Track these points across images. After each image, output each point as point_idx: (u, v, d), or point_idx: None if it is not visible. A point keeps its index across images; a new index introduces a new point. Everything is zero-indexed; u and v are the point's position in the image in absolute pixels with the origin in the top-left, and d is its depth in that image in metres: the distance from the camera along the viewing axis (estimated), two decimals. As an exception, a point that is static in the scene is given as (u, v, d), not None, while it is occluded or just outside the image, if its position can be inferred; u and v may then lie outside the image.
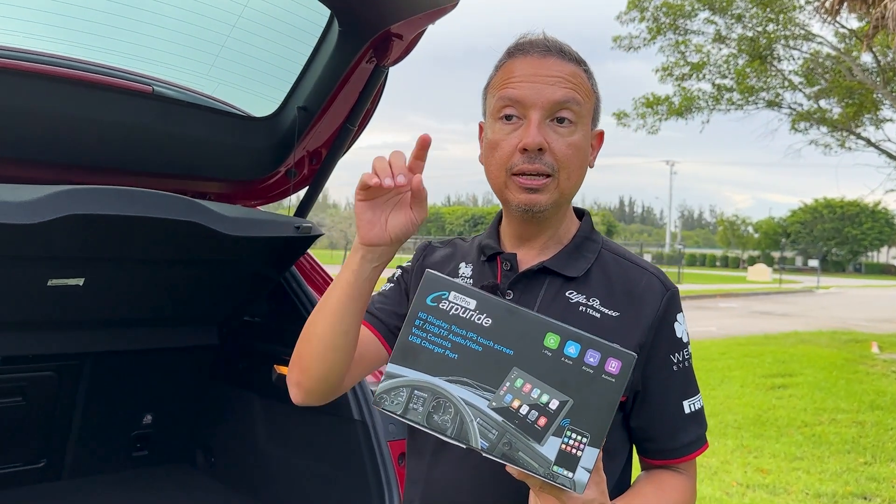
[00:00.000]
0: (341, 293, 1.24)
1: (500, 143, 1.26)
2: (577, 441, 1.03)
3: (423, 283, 1.09)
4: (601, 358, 1.04)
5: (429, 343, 1.06)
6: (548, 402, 1.03)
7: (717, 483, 5.27)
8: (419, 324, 1.07)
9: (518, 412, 1.03)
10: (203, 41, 2.45)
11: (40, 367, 2.76)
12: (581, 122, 1.27)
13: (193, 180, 2.73)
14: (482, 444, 1.03)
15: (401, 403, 1.04)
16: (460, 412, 1.03)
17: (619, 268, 1.34)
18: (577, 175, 1.28)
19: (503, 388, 1.04)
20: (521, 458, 1.02)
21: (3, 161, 2.28)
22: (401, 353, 1.06)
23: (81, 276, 2.39)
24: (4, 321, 2.49)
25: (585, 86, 1.29)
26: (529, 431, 1.03)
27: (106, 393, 3.00)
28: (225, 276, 2.67)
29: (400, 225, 1.20)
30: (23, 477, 2.90)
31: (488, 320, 1.06)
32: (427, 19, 2.31)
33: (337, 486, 2.47)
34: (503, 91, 1.27)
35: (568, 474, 1.02)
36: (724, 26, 11.26)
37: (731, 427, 6.80)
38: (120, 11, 2.32)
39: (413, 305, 1.08)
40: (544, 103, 1.24)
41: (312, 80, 2.54)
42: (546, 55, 1.27)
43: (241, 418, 2.99)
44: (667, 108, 12.31)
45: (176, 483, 3.13)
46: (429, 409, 1.04)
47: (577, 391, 1.04)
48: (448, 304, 1.07)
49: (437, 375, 1.04)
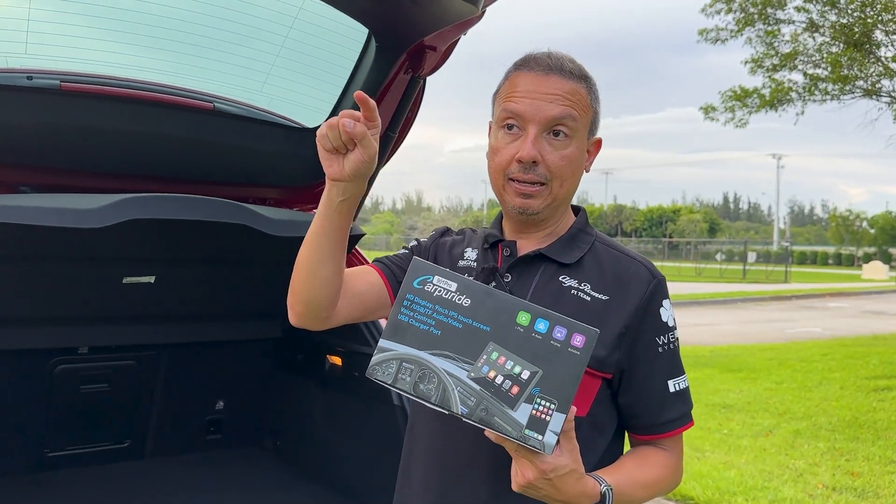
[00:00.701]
0: (316, 224, 1.39)
1: (500, 151, 1.41)
2: (546, 407, 1.14)
3: (410, 269, 1.22)
4: (567, 333, 1.16)
5: (415, 321, 1.18)
6: (520, 373, 1.15)
7: (802, 485, 5.17)
8: (407, 304, 1.19)
9: (494, 381, 1.15)
10: (256, 61, 2.70)
11: (123, 356, 3.11)
12: (576, 135, 1.40)
13: (253, 187, 2.99)
14: (462, 409, 1.14)
15: (391, 374, 1.16)
16: (443, 382, 1.15)
17: (610, 257, 1.47)
18: (569, 182, 1.42)
19: (480, 360, 1.16)
20: (497, 422, 1.14)
21: (82, 173, 2.60)
22: (391, 329, 1.19)
23: (152, 274, 2.69)
24: (90, 315, 2.83)
25: (583, 102, 1.42)
26: (504, 399, 1.14)
27: (181, 381, 3.32)
28: (280, 274, 2.92)
29: (353, 163, 1.32)
30: (110, 455, 3.25)
31: (467, 300, 1.19)
32: (456, 30, 2.48)
33: (381, 467, 2.67)
34: (506, 103, 1.41)
35: (538, 437, 1.13)
36: (818, 13, 10.84)
37: (824, 429, 6.62)
38: (185, 39, 2.60)
39: (402, 288, 1.21)
40: (542, 119, 1.37)
41: (355, 91, 2.74)
42: (548, 73, 1.39)
43: (302, 404, 3.25)
44: (758, 100, 11.94)
45: (246, 464, 3.42)
46: (415, 379, 1.15)
47: (545, 363, 1.15)
48: (432, 286, 1.20)
49: (422, 349, 1.16)
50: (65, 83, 2.42)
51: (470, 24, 2.44)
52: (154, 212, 2.21)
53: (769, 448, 6.07)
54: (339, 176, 1.33)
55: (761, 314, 18.37)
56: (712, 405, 7.58)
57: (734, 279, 33.15)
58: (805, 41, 11.19)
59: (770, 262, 41.25)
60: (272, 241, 2.54)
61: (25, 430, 3.08)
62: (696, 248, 51.82)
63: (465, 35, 2.60)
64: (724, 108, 12.26)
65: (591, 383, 1.38)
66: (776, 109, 11.69)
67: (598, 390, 1.39)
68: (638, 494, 1.38)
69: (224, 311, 3.12)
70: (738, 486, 5.05)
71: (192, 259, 2.72)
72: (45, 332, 2.79)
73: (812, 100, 11.45)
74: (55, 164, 2.53)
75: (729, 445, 6.13)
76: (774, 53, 11.35)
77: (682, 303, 20.26)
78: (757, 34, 11.36)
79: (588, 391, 1.38)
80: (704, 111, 12.52)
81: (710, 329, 14.53)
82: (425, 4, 2.25)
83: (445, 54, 2.66)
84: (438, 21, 2.34)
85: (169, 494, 3.04)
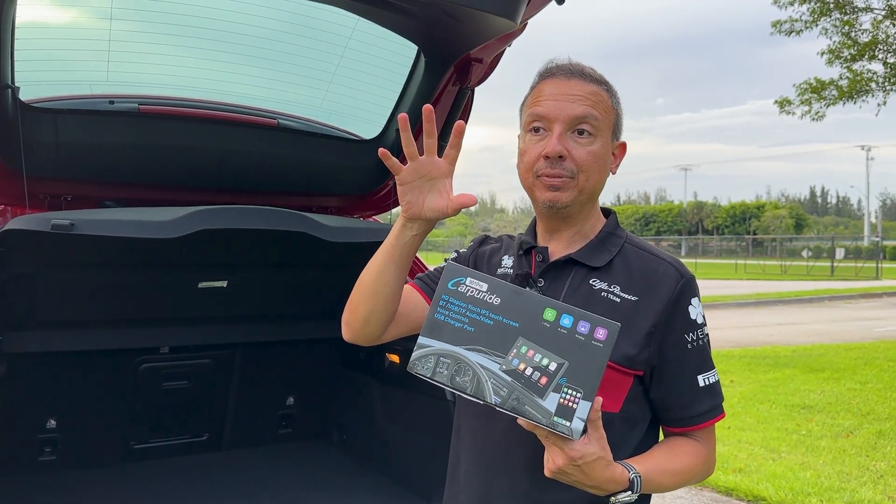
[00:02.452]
0: (384, 253, 1.47)
1: (528, 151, 1.48)
2: (573, 395, 1.22)
3: (445, 271, 1.31)
4: (590, 327, 1.24)
5: (450, 319, 1.27)
6: (548, 365, 1.23)
7: (882, 487, 5.02)
8: (443, 304, 1.28)
9: (524, 373, 1.23)
10: (315, 79, 2.89)
11: (200, 355, 3.35)
12: (600, 134, 1.47)
13: (316, 197, 3.19)
14: (495, 399, 1.22)
15: (430, 368, 1.24)
16: (477, 374, 1.23)
17: (639, 259, 1.52)
18: (595, 178, 1.48)
19: (511, 354, 1.24)
20: (528, 410, 1.22)
21: (160, 188, 2.84)
22: (429, 327, 1.27)
23: (224, 279, 2.91)
24: (170, 317, 3.08)
25: (605, 103, 1.48)
26: (533, 389, 1.22)
27: (255, 378, 3.55)
28: (341, 278, 3.11)
29: (436, 208, 1.41)
30: (190, 447, 3.51)
31: (497, 299, 1.27)
32: (500, 43, 2.60)
33: (436, 457, 2.81)
34: (533, 108, 1.49)
35: (566, 423, 1.21)
36: (899, 0, 10.41)
37: (917, 431, 6.39)
38: (251, 61, 2.81)
39: (437, 289, 1.30)
40: (566, 118, 1.45)
41: (407, 104, 2.91)
42: (570, 77, 1.48)
43: (365, 400, 3.42)
44: (836, 91, 11.53)
45: (315, 456, 3.62)
46: (452, 372, 1.24)
47: (571, 355, 1.23)
48: (465, 287, 1.28)
49: (457, 345, 1.25)
50: (143, 106, 2.67)
51: (512, 36, 2.55)
52: (222, 222, 2.41)
53: (849, 449, 5.90)
54: (417, 216, 1.43)
55: (849, 312, 17.65)
56: (791, 406, 7.40)
57: (822, 276, 31.87)
58: (886, 29, 10.74)
59: (860, 258, 39.45)
60: (331, 247, 2.71)
61: (113, 424, 3.36)
62: (782, 244, 50.06)
63: (510, 46, 2.71)
64: (800, 100, 11.89)
65: (623, 381, 1.44)
66: (854, 101, 11.27)
67: (630, 387, 1.45)
68: (667, 482, 1.44)
69: (290, 313, 3.33)
70: (813, 487, 4.95)
71: (259, 264, 2.93)
72: (130, 334, 3.05)
73: (895, 89, 10.98)
74: (135, 180, 2.78)
75: (807, 446, 5.99)
76: (852, 43, 10.94)
77: (766, 302, 19.67)
78: (833, 24, 10.98)
79: (620, 388, 1.44)
80: (780, 105, 12.16)
81: (793, 328, 14.09)
82: (466, 21, 2.38)
83: (492, 65, 2.79)
84: (480, 36, 2.47)
85: (244, 484, 3.25)
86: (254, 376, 3.55)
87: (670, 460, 1.46)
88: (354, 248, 2.79)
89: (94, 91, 2.63)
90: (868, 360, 10.09)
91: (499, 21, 2.31)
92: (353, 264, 3.07)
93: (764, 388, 8.14)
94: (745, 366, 9.62)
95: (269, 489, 3.20)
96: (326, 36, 2.75)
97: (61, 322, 2.92)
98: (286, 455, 3.60)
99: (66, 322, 2.93)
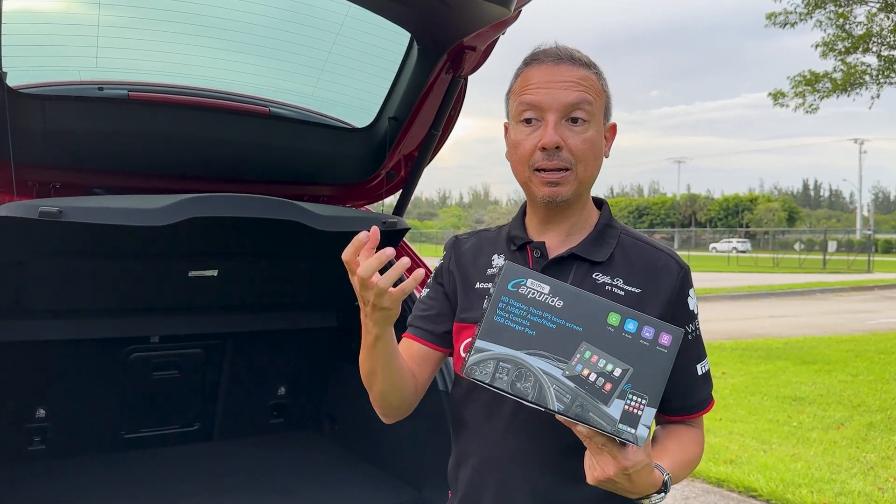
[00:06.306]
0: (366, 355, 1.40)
1: (522, 143, 1.43)
2: (638, 402, 1.19)
3: (504, 272, 1.25)
4: (655, 332, 1.22)
5: (511, 322, 1.22)
6: (612, 370, 1.20)
7: (872, 478, 5.05)
8: (502, 306, 1.23)
9: (587, 379, 1.19)
10: (306, 66, 2.86)
11: (190, 344, 3.33)
12: (593, 119, 1.42)
13: (307, 186, 3.17)
14: (558, 406, 1.18)
15: (489, 373, 1.20)
16: (539, 380, 1.19)
17: (638, 250, 1.51)
18: (593, 166, 1.44)
19: (574, 359, 1.20)
20: (592, 417, 1.18)
21: (149, 176, 2.81)
22: (487, 330, 1.22)
23: (215, 268, 2.89)
24: (161, 307, 3.06)
25: (596, 86, 1.44)
26: (597, 395, 1.19)
27: (246, 368, 3.53)
28: (333, 268, 3.08)
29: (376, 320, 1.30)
30: (180, 437, 3.49)
31: (560, 302, 1.23)
32: (494, 31, 2.58)
33: (428, 447, 2.81)
34: (522, 97, 1.43)
35: (631, 430, 1.18)
36: (894, -8, 10.41)
37: (904, 423, 6.43)
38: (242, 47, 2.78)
39: (496, 291, 1.24)
40: (559, 106, 1.40)
41: (400, 93, 2.89)
42: (559, 63, 1.42)
43: (357, 390, 3.39)
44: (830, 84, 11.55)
45: (306, 446, 3.61)
46: (512, 377, 1.19)
47: (636, 360, 1.20)
48: (526, 289, 1.23)
49: (518, 349, 1.20)
50: (132, 93, 2.64)
51: (506, 24, 2.53)
52: (212, 210, 2.39)
53: (840, 441, 5.94)
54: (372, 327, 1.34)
55: (841, 305, 17.74)
56: (782, 398, 7.44)
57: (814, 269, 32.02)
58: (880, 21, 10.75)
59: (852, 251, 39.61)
60: (323, 237, 2.69)
61: (103, 413, 3.34)
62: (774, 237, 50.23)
63: (504, 34, 2.69)
64: (794, 93, 11.90)
65: None
66: (848, 93, 11.29)
67: None
68: (682, 474, 1.44)
69: (283, 302, 3.31)
70: (803, 478, 4.98)
71: (250, 254, 2.91)
72: (120, 323, 3.03)
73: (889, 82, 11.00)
74: (125, 168, 2.75)
75: (798, 438, 6.02)
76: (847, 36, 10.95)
77: (758, 294, 19.74)
78: (827, 16, 10.98)
79: None
80: (773, 97, 12.17)
81: (786, 321, 14.15)
82: (460, 8, 2.36)
83: (486, 53, 2.76)
84: (474, 23, 2.45)
85: (235, 474, 3.24)
86: (245, 366, 3.53)
87: (683, 452, 1.47)
88: (346, 237, 2.77)
89: (84, 77, 2.60)
90: (859, 352, 10.15)
91: (493, 8, 2.29)
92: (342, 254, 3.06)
93: (755, 380, 8.18)
94: (736, 358, 9.66)
95: (261, 479, 3.19)
96: (318, 23, 2.72)
97: (50, 311, 2.90)
98: (277, 445, 3.58)
99: (54, 311, 2.91)
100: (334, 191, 3.24)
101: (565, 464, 1.38)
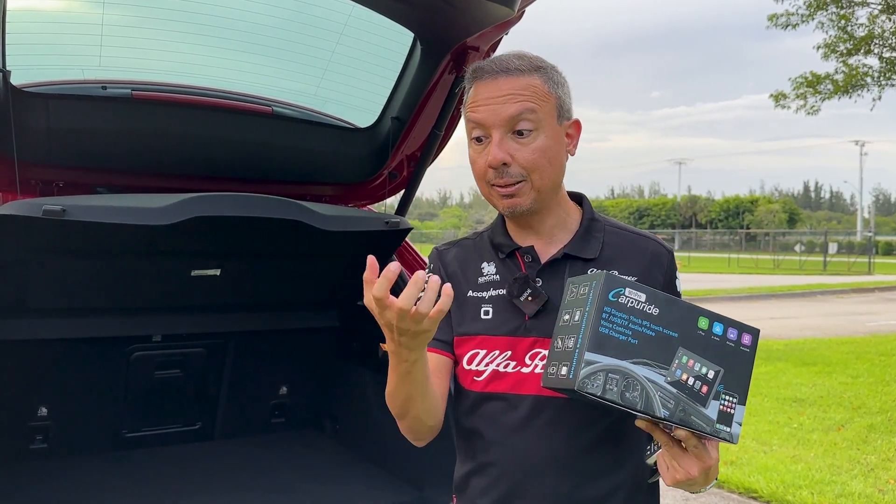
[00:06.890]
0: (396, 383, 1.36)
1: (476, 161, 1.44)
2: (731, 402, 1.24)
3: (604, 282, 1.24)
4: (738, 333, 1.27)
5: (615, 332, 1.22)
6: (706, 373, 1.24)
7: (872, 480, 5.05)
8: (605, 316, 1.22)
9: (686, 383, 1.22)
10: (310, 66, 2.87)
11: (193, 344, 3.33)
12: (541, 126, 1.41)
13: (310, 185, 3.17)
14: (664, 412, 1.20)
15: (599, 386, 1.19)
16: (645, 388, 1.20)
17: (625, 240, 1.53)
18: (549, 172, 1.43)
19: (674, 365, 1.23)
20: (694, 420, 1.21)
21: (153, 175, 2.82)
22: (594, 342, 1.21)
23: (218, 267, 2.90)
24: (163, 306, 3.06)
25: (541, 91, 1.41)
26: (696, 398, 1.22)
27: (248, 367, 3.53)
28: (335, 267, 3.10)
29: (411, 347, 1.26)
30: (182, 436, 3.50)
31: (656, 310, 1.24)
32: (497, 31, 2.58)
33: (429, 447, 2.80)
34: (469, 115, 1.44)
35: (727, 429, 1.23)
36: (896, -6, 10.41)
37: (906, 424, 6.44)
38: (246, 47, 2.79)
39: (598, 300, 1.23)
40: (500, 121, 1.39)
41: (402, 93, 2.89)
42: (496, 77, 1.41)
43: (358, 390, 3.42)
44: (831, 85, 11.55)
45: (308, 445, 3.61)
46: (621, 388, 1.20)
47: (725, 361, 1.25)
48: (625, 298, 1.24)
49: (624, 359, 1.21)
50: (136, 92, 2.64)
51: (510, 24, 2.54)
52: (215, 209, 2.40)
53: (840, 442, 5.94)
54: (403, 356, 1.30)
55: (841, 307, 17.73)
56: (783, 399, 7.44)
57: (814, 271, 31.99)
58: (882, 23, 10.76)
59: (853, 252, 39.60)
60: (325, 236, 2.69)
61: (104, 412, 3.34)
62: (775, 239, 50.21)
63: (507, 35, 2.70)
64: (795, 94, 11.91)
65: None
66: (850, 95, 11.30)
67: None
68: None
69: (285, 302, 3.31)
70: (804, 479, 4.98)
71: (253, 253, 2.91)
72: (122, 322, 3.04)
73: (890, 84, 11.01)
74: (128, 167, 2.76)
75: (798, 439, 6.02)
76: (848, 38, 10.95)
77: (759, 296, 19.73)
78: (829, 18, 10.99)
79: None
80: (775, 99, 12.18)
81: (786, 322, 14.14)
82: (463, 8, 2.36)
83: (489, 54, 2.76)
84: (477, 23, 2.45)
85: (237, 473, 3.24)
86: (247, 365, 3.53)
87: None
88: (349, 236, 2.78)
89: (87, 76, 2.61)
90: (860, 354, 10.15)
91: (496, 8, 2.29)
92: (347, 253, 3.08)
93: (756, 382, 8.17)
94: (737, 359, 9.64)
95: (262, 479, 3.19)
96: (322, 23, 2.73)
97: (53, 309, 2.90)
98: (279, 444, 3.59)
99: (57, 309, 2.91)
100: (337, 190, 3.24)
101: (585, 462, 1.43)
